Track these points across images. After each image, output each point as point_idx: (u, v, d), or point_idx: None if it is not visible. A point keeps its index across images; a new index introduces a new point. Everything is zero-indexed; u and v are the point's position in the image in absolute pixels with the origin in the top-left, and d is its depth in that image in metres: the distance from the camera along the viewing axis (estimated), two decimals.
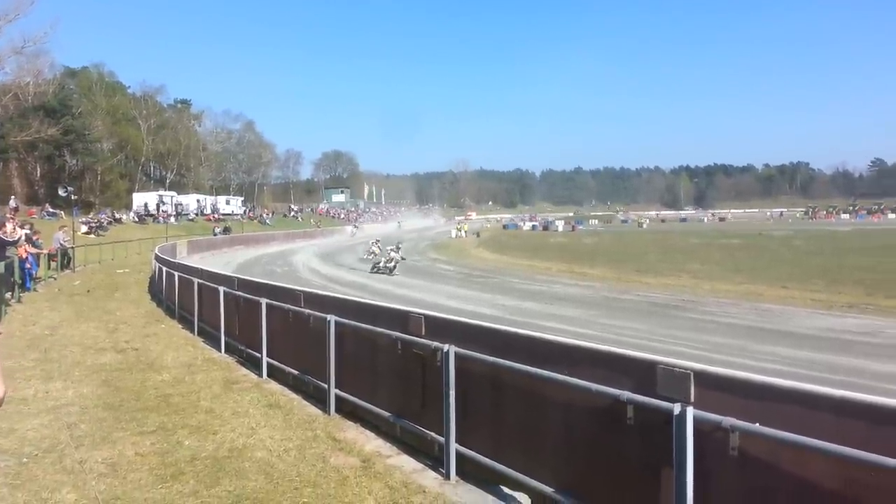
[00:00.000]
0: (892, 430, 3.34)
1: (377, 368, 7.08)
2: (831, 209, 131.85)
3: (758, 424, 3.63)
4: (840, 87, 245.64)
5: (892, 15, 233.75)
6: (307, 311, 8.47)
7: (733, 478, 3.70)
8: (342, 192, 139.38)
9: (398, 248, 29.93)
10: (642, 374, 4.31)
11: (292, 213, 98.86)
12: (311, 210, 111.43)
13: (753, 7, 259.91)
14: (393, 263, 28.73)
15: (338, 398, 7.48)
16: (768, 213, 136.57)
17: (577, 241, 58.54)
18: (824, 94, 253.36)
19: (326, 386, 7.58)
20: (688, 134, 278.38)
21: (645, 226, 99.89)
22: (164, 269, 17.86)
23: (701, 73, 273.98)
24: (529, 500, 4.86)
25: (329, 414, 7.38)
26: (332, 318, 7.62)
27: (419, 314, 6.59)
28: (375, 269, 29.14)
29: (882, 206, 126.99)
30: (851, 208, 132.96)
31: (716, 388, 3.98)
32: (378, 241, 34.61)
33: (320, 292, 9.25)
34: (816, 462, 3.41)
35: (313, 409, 7.62)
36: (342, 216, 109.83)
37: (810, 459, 3.43)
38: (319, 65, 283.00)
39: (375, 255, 31.93)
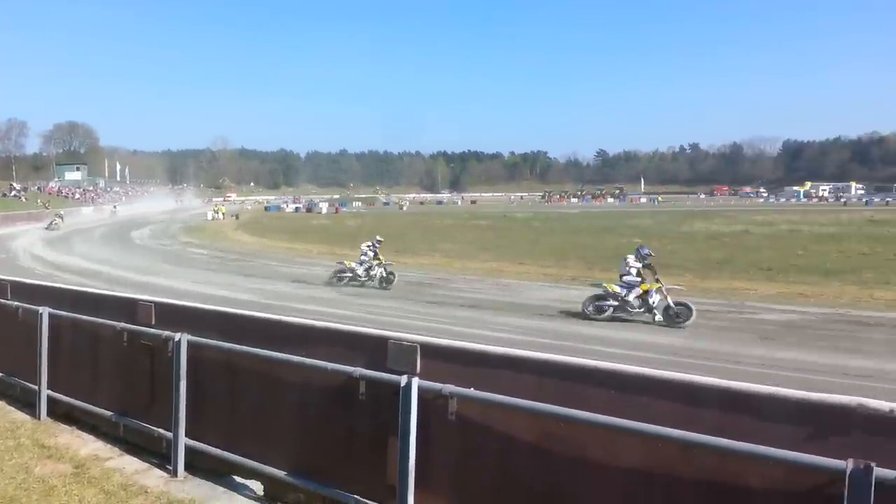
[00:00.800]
0: (579, 385, 3.82)
1: (100, 364, 6.38)
2: (563, 193, 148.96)
3: (473, 389, 3.91)
4: (571, 84, 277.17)
5: (603, 19, 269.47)
6: (15, 303, 7.35)
7: (452, 440, 3.95)
8: (78, 168, 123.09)
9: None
10: (375, 349, 4.42)
11: (13, 193, 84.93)
12: (40, 189, 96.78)
13: (502, 6, 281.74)
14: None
15: (51, 400, 6.59)
16: (512, 197, 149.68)
17: (341, 223, 58.67)
18: (559, 90, 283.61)
19: (36, 387, 6.62)
20: (445, 122, 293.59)
21: (405, 208, 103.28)
22: None
23: (457, 65, 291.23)
24: (262, 487, 4.74)
25: (39, 419, 6.46)
26: (45, 310, 6.69)
27: (148, 302, 6.05)
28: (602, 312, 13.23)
29: (603, 192, 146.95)
30: (580, 193, 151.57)
31: (439, 359, 4.22)
32: (379, 240, 19.43)
33: (31, 281, 8.09)
34: (520, 419, 3.77)
35: (19, 415, 6.62)
36: (77, 196, 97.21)
37: (515, 417, 3.78)
38: (51, 20, 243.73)
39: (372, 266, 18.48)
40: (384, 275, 17.75)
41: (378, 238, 19.27)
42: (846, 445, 3.62)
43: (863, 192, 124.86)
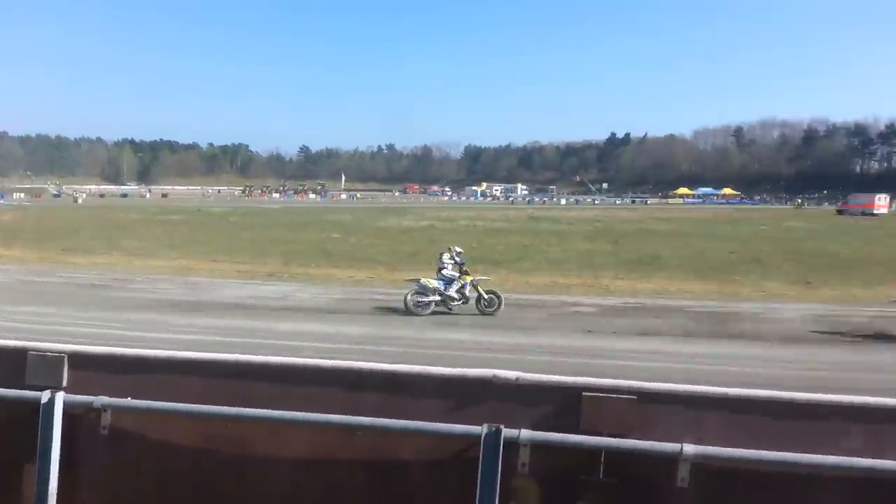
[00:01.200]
0: (247, 382, 3.79)
1: None
2: (265, 188, 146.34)
3: (130, 398, 3.63)
4: (276, 78, 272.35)
5: (314, 16, 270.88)
6: None
7: (104, 456, 3.62)
8: None
9: None
10: (12, 363, 3.83)
11: None
12: None
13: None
14: None
15: None
16: (209, 191, 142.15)
17: None
18: (262, 83, 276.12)
19: None
20: (133, 107, 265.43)
21: (81, 201, 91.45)
22: None
23: (146, 39, 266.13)
24: None
25: None
26: None
27: None
28: None
29: (305, 187, 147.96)
30: (282, 188, 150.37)
31: (92, 368, 3.83)
32: (458, 252, 14.92)
33: None
34: (182, 424, 3.61)
35: None
36: None
37: (177, 423, 3.62)
38: None
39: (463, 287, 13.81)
40: (483, 296, 13.56)
41: (458, 249, 15.08)
42: (485, 412, 4.20)
43: (527, 192, 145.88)
